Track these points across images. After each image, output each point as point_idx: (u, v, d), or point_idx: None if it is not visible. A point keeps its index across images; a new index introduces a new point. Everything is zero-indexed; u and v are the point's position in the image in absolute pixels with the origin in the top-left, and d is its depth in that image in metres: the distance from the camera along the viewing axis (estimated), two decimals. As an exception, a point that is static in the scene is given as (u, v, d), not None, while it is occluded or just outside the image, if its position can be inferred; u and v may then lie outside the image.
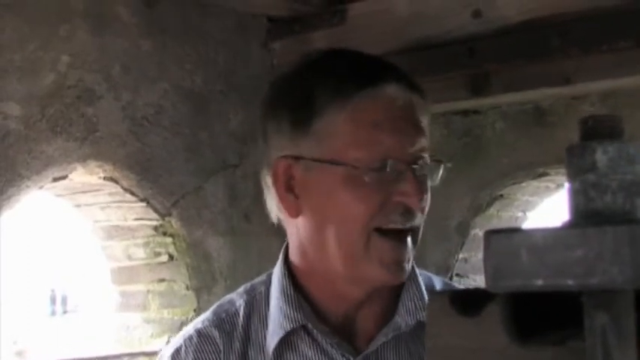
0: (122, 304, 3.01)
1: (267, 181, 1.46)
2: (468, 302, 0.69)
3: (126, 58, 2.73)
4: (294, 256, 1.50)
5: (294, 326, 1.44)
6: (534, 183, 3.00)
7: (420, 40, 2.81)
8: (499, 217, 3.09)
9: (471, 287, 1.42)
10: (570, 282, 0.59)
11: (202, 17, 2.98)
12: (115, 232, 2.90)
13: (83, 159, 2.59)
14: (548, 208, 3.22)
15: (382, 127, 1.37)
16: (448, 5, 2.77)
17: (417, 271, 1.50)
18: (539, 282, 0.60)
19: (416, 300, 1.46)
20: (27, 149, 2.46)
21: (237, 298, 1.54)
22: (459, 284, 3.01)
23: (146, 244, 2.90)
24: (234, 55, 3.08)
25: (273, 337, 1.45)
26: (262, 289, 1.53)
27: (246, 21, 3.12)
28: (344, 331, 1.46)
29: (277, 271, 1.51)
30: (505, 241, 0.62)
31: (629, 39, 2.46)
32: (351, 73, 1.40)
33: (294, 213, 1.44)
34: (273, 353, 1.45)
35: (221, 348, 1.48)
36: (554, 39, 2.58)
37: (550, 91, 2.71)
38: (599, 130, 0.62)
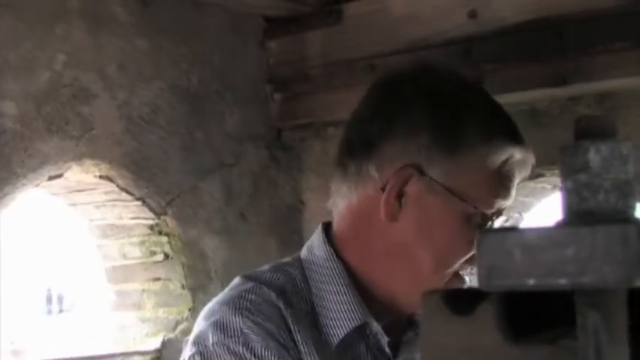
0: (117, 303, 3.01)
1: (370, 171, 1.43)
2: (461, 301, 0.69)
3: (122, 57, 2.73)
4: (356, 252, 1.47)
5: (363, 321, 1.42)
6: (530, 184, 3.00)
7: (415, 40, 2.81)
8: (494, 217, 3.08)
9: (465, 287, 1.43)
10: (563, 281, 0.59)
11: (199, 16, 2.98)
12: (110, 230, 2.90)
13: (79, 157, 2.59)
14: (544, 209, 3.22)
15: (508, 185, 1.43)
16: (444, 5, 2.77)
17: None
18: (532, 281, 0.60)
19: None
20: (23, 147, 2.46)
21: (273, 275, 1.46)
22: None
23: (142, 243, 2.90)
24: (231, 55, 3.08)
25: (339, 327, 1.42)
26: (297, 274, 1.47)
27: (242, 20, 3.12)
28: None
29: (324, 257, 1.47)
30: (498, 240, 0.62)
31: (626, 40, 2.47)
32: (503, 123, 1.45)
33: (391, 218, 1.42)
34: (337, 347, 1.41)
35: (290, 322, 1.39)
36: (551, 40, 2.58)
37: (546, 92, 2.71)
38: (592, 129, 0.62)
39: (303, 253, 1.51)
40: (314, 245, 1.50)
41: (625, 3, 2.45)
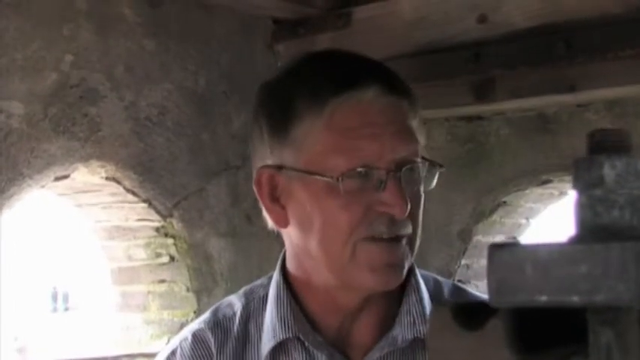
0: (122, 304, 3.01)
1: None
2: (470, 316, 0.68)
3: (129, 59, 2.72)
4: (289, 265, 1.47)
5: (286, 337, 1.41)
6: (538, 190, 2.99)
7: (424, 44, 2.80)
8: (502, 223, 3.07)
9: (474, 301, 1.40)
10: (575, 298, 0.58)
11: (206, 18, 2.97)
12: (116, 232, 2.89)
13: (85, 159, 2.58)
14: (552, 215, 3.21)
15: (358, 133, 1.31)
16: (453, 10, 2.76)
17: (421, 280, 1.46)
18: (544, 298, 0.59)
19: (415, 313, 1.41)
20: (29, 148, 2.45)
21: (235, 301, 1.52)
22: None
23: (147, 245, 2.89)
24: (238, 57, 3.07)
25: (265, 345, 1.43)
26: (261, 292, 1.50)
27: (250, 22, 3.11)
28: (339, 342, 1.43)
29: (275, 278, 1.48)
30: (509, 255, 0.61)
31: (636, 47, 2.45)
32: (327, 77, 1.35)
33: (283, 223, 1.40)
34: None
35: (214, 351, 1.46)
36: (560, 46, 2.56)
37: (555, 99, 2.69)
38: (607, 144, 0.61)
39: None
40: (278, 264, 1.51)
41: (634, 9, 2.43)
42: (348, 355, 1.42)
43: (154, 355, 2.84)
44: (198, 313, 2.84)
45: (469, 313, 0.68)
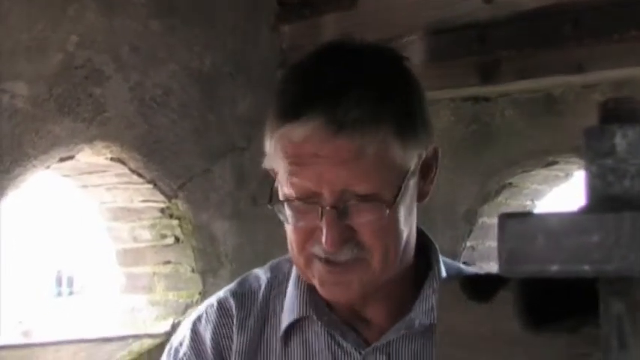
0: (127, 286, 3.01)
1: None
2: (479, 287, 0.68)
3: (135, 39, 2.72)
4: None
5: (301, 315, 1.43)
6: (544, 171, 2.98)
7: (430, 24, 2.79)
8: (507, 205, 3.07)
9: (483, 273, 1.38)
10: (586, 268, 0.58)
11: (212, -1, 2.96)
12: (121, 213, 2.89)
13: (90, 139, 2.58)
14: (557, 196, 3.20)
15: (298, 165, 1.31)
16: (460, -10, 2.75)
17: (444, 269, 1.46)
18: (555, 267, 0.59)
19: (434, 300, 1.42)
20: (34, 129, 2.45)
21: (262, 274, 1.54)
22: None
23: (152, 226, 2.89)
24: (244, 38, 3.06)
25: (283, 322, 1.46)
26: (286, 268, 1.52)
27: (256, 4, 3.10)
28: (355, 322, 1.44)
29: None
30: (520, 225, 0.60)
31: (642, 28, 2.44)
32: (280, 103, 1.35)
33: None
34: (282, 337, 1.45)
35: (235, 321, 1.48)
36: (567, 27, 2.55)
37: (561, 79, 2.69)
38: (619, 113, 0.60)
39: None
40: None
41: (641, -9, 2.42)
42: (364, 334, 1.43)
43: (159, 335, 2.86)
44: (203, 294, 2.85)
45: (478, 285, 0.68)
